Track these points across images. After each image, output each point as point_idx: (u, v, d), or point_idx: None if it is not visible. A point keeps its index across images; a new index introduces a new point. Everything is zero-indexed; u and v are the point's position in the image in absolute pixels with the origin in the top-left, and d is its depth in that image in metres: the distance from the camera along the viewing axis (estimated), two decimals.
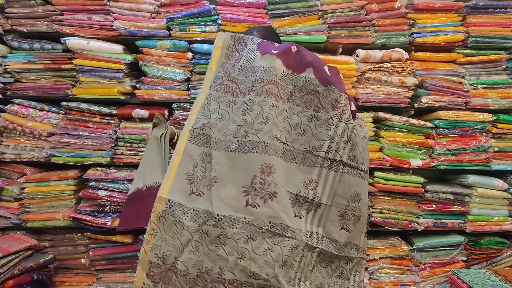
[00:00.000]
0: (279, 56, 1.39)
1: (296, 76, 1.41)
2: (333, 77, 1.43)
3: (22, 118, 2.28)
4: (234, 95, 1.38)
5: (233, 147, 1.32)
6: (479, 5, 2.41)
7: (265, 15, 2.37)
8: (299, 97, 1.41)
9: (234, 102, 1.38)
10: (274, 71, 1.37)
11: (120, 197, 2.25)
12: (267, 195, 1.29)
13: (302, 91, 1.41)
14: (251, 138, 1.32)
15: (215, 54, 1.43)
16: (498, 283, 1.95)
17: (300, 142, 1.40)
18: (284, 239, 1.29)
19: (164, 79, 2.32)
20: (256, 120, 1.33)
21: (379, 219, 2.39)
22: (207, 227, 1.28)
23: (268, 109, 1.34)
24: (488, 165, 2.48)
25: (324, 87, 1.40)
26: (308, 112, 1.40)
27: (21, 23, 2.28)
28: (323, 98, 1.41)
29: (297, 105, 1.40)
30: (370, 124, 2.45)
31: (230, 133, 1.33)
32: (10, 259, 1.91)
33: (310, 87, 1.40)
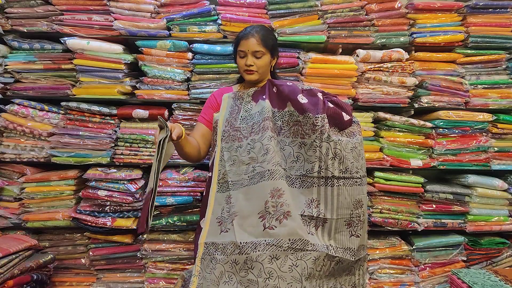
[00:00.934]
0: (267, 99, 1.65)
1: (282, 112, 1.63)
2: (308, 103, 1.58)
3: (22, 118, 2.28)
4: (239, 140, 1.62)
5: (245, 182, 1.54)
6: (479, 5, 2.41)
7: (265, 15, 2.37)
8: (287, 129, 1.61)
9: (240, 146, 1.61)
10: (265, 110, 1.61)
11: (120, 197, 2.25)
12: (281, 215, 1.44)
13: (288, 123, 1.60)
14: (258, 170, 1.53)
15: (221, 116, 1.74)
16: (498, 283, 1.95)
17: (295, 169, 1.56)
18: (306, 253, 1.42)
19: (164, 79, 2.32)
20: (259, 154, 1.54)
21: (379, 219, 2.39)
22: (234, 256, 1.44)
23: (267, 141, 1.55)
24: (488, 165, 2.48)
25: (302, 115, 1.57)
26: (296, 140, 1.58)
27: (21, 23, 2.28)
28: (304, 126, 1.57)
29: (287, 137, 1.60)
30: (370, 124, 2.45)
31: (242, 173, 1.56)
32: (10, 259, 1.91)
33: (293, 118, 1.59)
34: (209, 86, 2.34)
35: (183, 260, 2.38)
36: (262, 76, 1.79)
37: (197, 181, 2.30)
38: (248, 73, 1.75)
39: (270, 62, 1.79)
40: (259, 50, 1.71)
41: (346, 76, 2.38)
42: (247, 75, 1.76)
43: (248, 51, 1.72)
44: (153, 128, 2.35)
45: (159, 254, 2.37)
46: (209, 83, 2.35)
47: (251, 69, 1.73)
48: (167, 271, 2.38)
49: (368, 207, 2.41)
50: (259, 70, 1.75)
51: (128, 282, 2.40)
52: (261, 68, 1.75)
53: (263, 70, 1.77)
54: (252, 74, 1.75)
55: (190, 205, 2.32)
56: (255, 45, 1.70)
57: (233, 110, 1.73)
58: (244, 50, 1.72)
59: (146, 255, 2.36)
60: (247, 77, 1.77)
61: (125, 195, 2.25)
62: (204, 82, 2.35)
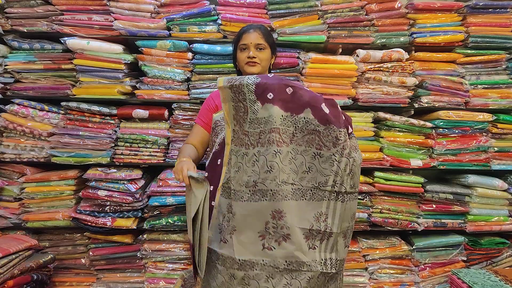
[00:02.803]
0: (275, 102, 1.48)
1: (296, 117, 1.49)
2: (331, 114, 1.50)
3: (22, 118, 2.28)
4: (246, 147, 1.52)
5: (245, 197, 1.48)
6: (479, 5, 2.41)
7: (265, 15, 2.37)
8: (300, 137, 1.49)
9: (246, 154, 1.51)
10: (273, 119, 1.47)
11: (120, 197, 2.25)
12: (281, 237, 1.43)
13: (303, 131, 1.49)
14: (260, 187, 1.46)
15: (225, 108, 1.57)
16: (498, 283, 1.95)
17: (307, 179, 1.48)
18: (301, 273, 1.43)
19: (164, 79, 2.32)
20: (262, 170, 1.46)
21: (379, 219, 2.39)
22: (233, 271, 1.47)
23: (271, 157, 1.45)
24: (488, 165, 2.48)
25: (324, 126, 1.48)
26: (310, 150, 1.49)
27: (21, 23, 2.28)
28: (324, 137, 1.48)
29: (300, 145, 1.49)
30: (370, 124, 2.45)
31: (243, 184, 1.50)
32: (10, 259, 1.91)
33: (310, 127, 1.48)
34: (209, 86, 2.34)
35: (183, 260, 2.38)
36: (263, 70, 1.79)
37: None
38: (250, 65, 1.75)
39: (270, 59, 1.81)
40: (261, 43, 1.74)
41: (346, 76, 2.38)
42: (250, 67, 1.75)
43: (250, 44, 1.73)
44: (153, 128, 2.35)
45: (159, 254, 2.37)
46: (209, 83, 2.35)
47: (254, 60, 1.73)
48: (167, 271, 2.38)
49: (368, 207, 2.41)
50: (261, 62, 1.75)
51: (128, 282, 2.40)
52: (263, 61, 1.76)
53: (265, 63, 1.77)
54: (254, 65, 1.75)
55: None
56: (258, 38, 1.73)
57: (238, 107, 1.54)
58: (246, 43, 1.74)
59: (146, 255, 2.36)
60: (249, 69, 1.75)
61: (125, 195, 2.26)
62: (204, 82, 2.35)
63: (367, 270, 2.45)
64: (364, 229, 2.42)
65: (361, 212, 2.39)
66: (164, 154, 2.36)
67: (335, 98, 2.38)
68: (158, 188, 2.29)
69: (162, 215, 2.32)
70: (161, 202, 2.27)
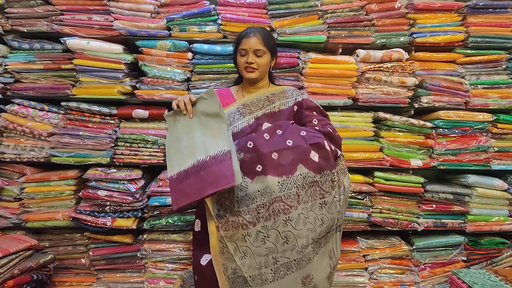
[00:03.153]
0: (268, 172, 1.44)
1: (293, 178, 1.46)
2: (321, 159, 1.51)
3: (22, 118, 2.28)
4: (244, 227, 1.44)
5: (270, 277, 1.43)
6: (479, 5, 2.41)
7: (265, 15, 2.37)
8: (304, 194, 1.47)
9: (248, 234, 1.44)
10: (270, 190, 1.43)
11: (120, 197, 2.25)
12: None
13: (304, 187, 1.47)
14: (282, 261, 1.42)
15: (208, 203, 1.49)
16: (498, 283, 1.95)
17: (322, 230, 1.50)
18: None
19: (164, 79, 2.32)
20: (278, 244, 1.41)
21: (379, 219, 2.39)
22: None
23: (282, 228, 1.42)
24: (488, 165, 2.48)
25: (319, 174, 1.50)
26: (316, 202, 1.49)
27: (21, 23, 2.28)
28: (323, 185, 1.51)
29: (307, 202, 1.47)
30: (370, 124, 2.45)
31: (261, 266, 1.43)
32: (10, 259, 1.91)
33: (308, 180, 1.48)
34: (209, 86, 2.34)
35: (183, 260, 2.38)
36: (261, 75, 1.80)
37: None
38: (248, 71, 1.76)
39: (269, 62, 1.81)
40: (260, 48, 1.73)
41: (346, 76, 2.38)
42: (247, 73, 1.76)
43: (249, 49, 1.73)
44: (153, 128, 2.35)
45: (159, 254, 2.37)
46: (209, 83, 2.35)
47: (252, 66, 1.74)
48: (167, 271, 2.38)
49: (368, 207, 2.42)
50: (259, 68, 1.76)
51: (128, 282, 2.40)
52: (261, 67, 1.76)
53: (263, 69, 1.78)
54: (252, 72, 1.76)
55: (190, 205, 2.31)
56: (257, 44, 1.72)
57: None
58: (245, 48, 1.74)
59: (146, 255, 2.36)
60: (247, 75, 1.77)
61: (125, 195, 2.26)
62: (204, 82, 2.35)
63: (367, 270, 2.45)
64: (364, 229, 2.42)
65: (361, 212, 2.39)
66: (164, 154, 2.35)
67: (335, 98, 2.40)
68: (158, 188, 2.29)
69: (162, 215, 2.32)
70: (161, 202, 2.27)
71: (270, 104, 1.78)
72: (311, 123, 1.70)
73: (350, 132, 2.41)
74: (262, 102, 1.79)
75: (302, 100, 1.77)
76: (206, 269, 1.60)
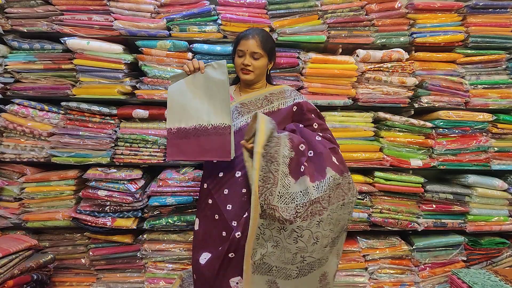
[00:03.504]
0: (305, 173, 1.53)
1: (325, 180, 1.53)
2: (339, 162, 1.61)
3: (22, 118, 2.28)
4: (281, 222, 1.47)
5: (294, 274, 1.52)
6: (479, 5, 2.41)
7: (265, 15, 2.37)
8: (333, 195, 1.54)
9: (284, 229, 1.48)
10: (309, 191, 1.49)
11: (120, 197, 2.25)
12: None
13: (332, 189, 1.54)
14: (308, 260, 1.51)
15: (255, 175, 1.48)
16: (498, 283, 1.95)
17: (338, 230, 1.60)
18: None
19: (164, 79, 2.32)
20: (309, 244, 1.48)
21: (379, 219, 2.39)
22: None
23: (315, 229, 1.48)
24: (488, 165, 2.48)
25: (341, 176, 1.59)
26: (339, 203, 1.57)
27: (21, 23, 2.28)
28: (343, 186, 1.59)
29: (333, 203, 1.55)
30: (370, 124, 2.45)
31: (288, 261, 1.50)
32: (10, 259, 1.91)
33: (335, 182, 1.55)
34: None
35: (183, 260, 2.38)
36: (257, 77, 1.81)
37: (197, 181, 2.30)
38: (244, 73, 1.77)
39: (266, 65, 1.82)
40: (257, 51, 1.73)
41: (346, 76, 2.38)
42: (243, 75, 1.78)
43: (246, 51, 1.74)
44: (153, 128, 2.35)
45: (159, 254, 2.37)
46: None
47: (247, 68, 1.75)
48: (167, 271, 2.38)
49: (368, 207, 2.42)
50: (255, 71, 1.77)
51: (128, 282, 2.40)
52: (257, 69, 1.77)
53: (259, 71, 1.79)
54: (248, 74, 1.77)
55: (190, 205, 2.32)
56: (254, 46, 1.72)
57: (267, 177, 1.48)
58: (243, 49, 1.74)
59: (146, 255, 2.36)
60: (243, 76, 1.79)
61: (125, 195, 2.26)
62: None
63: (367, 270, 2.45)
64: (364, 229, 2.42)
65: (361, 212, 2.39)
66: (164, 154, 2.35)
67: (335, 98, 2.40)
68: (158, 188, 2.29)
69: (162, 215, 2.33)
70: (161, 202, 2.27)
71: (268, 103, 1.79)
72: (311, 127, 1.75)
73: (350, 132, 2.41)
74: (261, 101, 1.80)
75: (302, 102, 1.79)
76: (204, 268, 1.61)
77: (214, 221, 1.66)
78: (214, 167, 1.73)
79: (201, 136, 1.59)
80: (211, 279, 1.59)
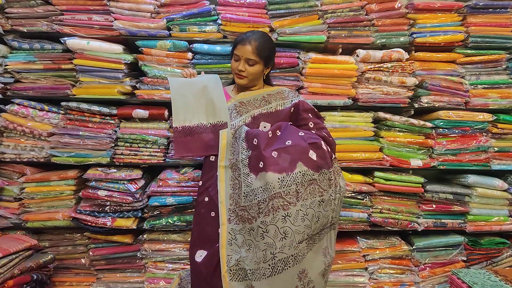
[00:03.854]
0: (268, 168, 1.51)
1: (292, 175, 1.52)
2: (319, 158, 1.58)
3: (22, 118, 2.28)
4: (250, 222, 1.53)
5: (268, 272, 1.48)
6: (479, 5, 2.41)
7: (265, 15, 2.37)
8: (303, 191, 1.52)
9: (252, 229, 1.52)
10: (270, 186, 1.49)
11: (120, 197, 2.25)
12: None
13: (303, 184, 1.53)
14: (279, 256, 1.47)
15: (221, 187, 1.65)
16: (498, 283, 1.95)
17: (317, 227, 1.56)
18: None
19: (164, 79, 2.31)
20: (276, 239, 1.47)
21: (379, 219, 2.39)
22: None
23: (281, 224, 1.47)
24: (488, 165, 2.48)
25: (317, 172, 1.56)
26: (315, 199, 1.55)
27: (21, 23, 2.28)
28: (321, 182, 1.57)
29: (306, 199, 1.53)
30: (370, 124, 2.45)
31: (260, 260, 1.48)
32: (10, 259, 1.91)
33: (307, 178, 1.53)
34: None
35: (183, 260, 2.38)
36: (251, 82, 1.82)
37: (197, 181, 2.29)
38: (238, 77, 1.80)
39: (262, 71, 1.82)
40: (252, 58, 1.73)
41: (346, 76, 2.38)
42: (237, 79, 1.81)
43: (242, 57, 1.74)
44: (153, 128, 2.35)
45: (159, 254, 2.37)
46: None
47: (241, 74, 1.77)
48: (167, 271, 2.38)
49: (368, 207, 2.42)
50: (249, 76, 1.78)
51: (128, 282, 2.40)
52: (251, 75, 1.78)
53: (253, 77, 1.80)
54: (241, 78, 1.79)
55: (190, 205, 2.31)
56: (249, 53, 1.72)
57: (234, 184, 1.62)
58: (238, 54, 1.76)
59: (146, 255, 2.36)
60: (237, 81, 1.81)
61: (125, 195, 2.26)
62: None
63: (367, 270, 2.45)
64: (364, 229, 2.42)
65: (361, 212, 2.39)
66: (164, 154, 2.36)
67: (335, 98, 2.40)
68: (158, 188, 2.29)
69: (162, 215, 2.32)
70: (161, 202, 2.27)
71: (267, 104, 1.81)
72: (307, 126, 1.75)
73: (350, 132, 2.41)
74: (259, 101, 1.82)
75: (298, 102, 1.80)
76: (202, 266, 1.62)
77: (210, 218, 1.68)
78: (212, 166, 1.75)
79: (203, 133, 1.76)
80: (208, 276, 1.60)
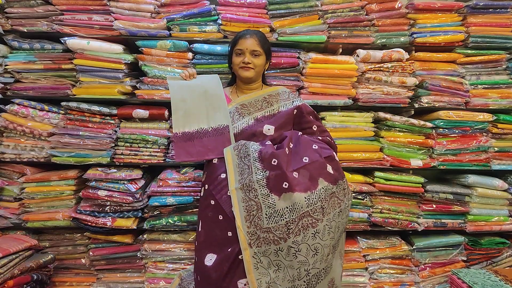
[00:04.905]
0: (295, 188, 1.53)
1: (316, 193, 1.57)
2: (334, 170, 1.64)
3: (22, 118, 2.28)
4: (276, 243, 1.53)
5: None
6: (480, 5, 2.41)
7: (265, 15, 2.37)
8: (327, 206, 1.58)
9: (281, 249, 1.53)
10: (298, 206, 1.52)
11: (120, 197, 2.25)
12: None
13: (327, 199, 1.58)
14: (313, 272, 1.53)
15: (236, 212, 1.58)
16: (498, 283, 1.95)
17: (338, 235, 1.64)
18: None
19: (164, 79, 2.31)
20: (308, 256, 1.51)
21: (379, 219, 2.39)
22: None
23: (311, 241, 1.52)
24: (488, 165, 2.48)
25: (335, 185, 1.63)
26: (336, 211, 1.61)
27: (21, 23, 2.28)
28: (338, 194, 1.63)
29: (329, 213, 1.58)
30: (370, 124, 2.45)
31: (294, 278, 1.53)
32: (10, 259, 1.91)
33: (328, 192, 1.60)
34: None
35: (183, 260, 2.38)
36: (256, 75, 1.84)
37: (197, 181, 2.29)
38: (245, 69, 1.80)
39: (264, 64, 1.85)
40: (257, 49, 1.78)
41: (346, 76, 2.38)
42: (244, 71, 1.80)
43: (246, 50, 1.77)
44: (153, 128, 2.35)
45: (159, 254, 2.36)
46: None
47: (248, 66, 1.79)
48: (167, 271, 2.37)
49: (368, 207, 2.42)
50: (255, 68, 1.80)
51: (128, 282, 2.40)
52: (257, 67, 1.81)
53: (259, 69, 1.83)
54: (248, 70, 1.80)
55: (190, 205, 2.31)
56: (254, 45, 1.77)
57: (249, 206, 1.56)
58: (242, 48, 1.78)
59: (146, 255, 2.36)
60: (244, 73, 1.81)
61: (125, 195, 2.25)
62: None
63: (367, 270, 2.45)
64: (364, 229, 2.42)
65: (361, 212, 2.39)
66: (164, 154, 2.36)
67: (335, 98, 2.40)
68: (158, 188, 2.29)
69: (162, 215, 2.32)
70: (161, 202, 2.27)
71: (268, 105, 1.82)
72: (311, 129, 1.82)
73: (350, 132, 2.41)
74: (260, 103, 1.83)
75: (302, 105, 1.85)
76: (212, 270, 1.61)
77: (218, 222, 1.66)
78: (215, 169, 1.74)
79: (204, 138, 1.77)
80: (218, 280, 1.59)
